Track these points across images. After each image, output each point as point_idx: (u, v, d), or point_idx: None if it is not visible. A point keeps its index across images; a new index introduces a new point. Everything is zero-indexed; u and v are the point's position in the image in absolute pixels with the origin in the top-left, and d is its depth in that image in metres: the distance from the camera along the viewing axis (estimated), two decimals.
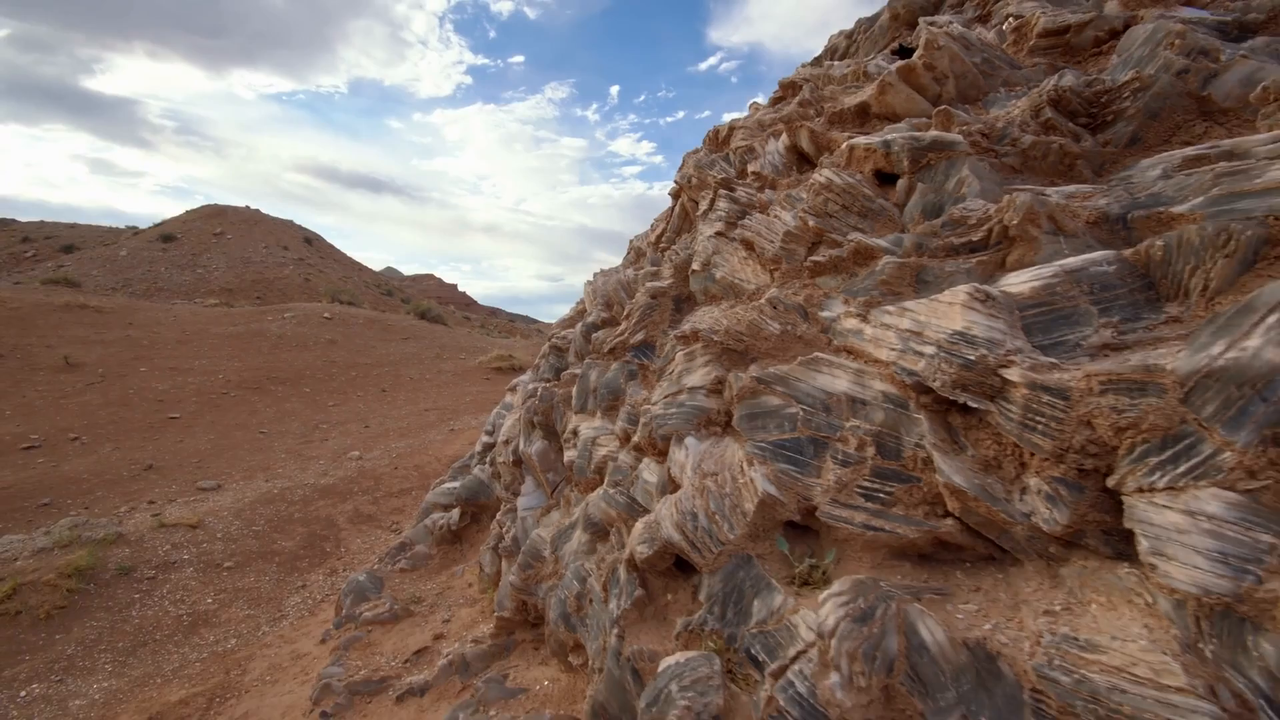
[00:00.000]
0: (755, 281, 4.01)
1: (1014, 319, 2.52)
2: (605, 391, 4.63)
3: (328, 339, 21.11)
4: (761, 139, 5.08)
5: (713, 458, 3.03)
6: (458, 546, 6.85)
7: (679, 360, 3.57)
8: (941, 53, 4.14)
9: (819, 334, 3.26)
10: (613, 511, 3.77)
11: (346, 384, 17.58)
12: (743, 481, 2.80)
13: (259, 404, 14.97)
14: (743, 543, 2.66)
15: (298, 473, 10.85)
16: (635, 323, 4.57)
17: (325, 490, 9.96)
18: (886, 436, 2.64)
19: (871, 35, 8.27)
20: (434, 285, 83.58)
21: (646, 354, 4.47)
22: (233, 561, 7.33)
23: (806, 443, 2.82)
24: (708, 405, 3.30)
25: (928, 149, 3.41)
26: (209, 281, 33.53)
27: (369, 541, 8.38)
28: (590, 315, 5.66)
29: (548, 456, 5.36)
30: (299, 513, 9.01)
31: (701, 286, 4.40)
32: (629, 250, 6.40)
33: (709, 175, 5.26)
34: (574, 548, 4.15)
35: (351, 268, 51.95)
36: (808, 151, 4.64)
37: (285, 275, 39.93)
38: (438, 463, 11.70)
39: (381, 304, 37.55)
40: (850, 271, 3.40)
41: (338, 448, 12.50)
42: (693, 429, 3.28)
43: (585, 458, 4.52)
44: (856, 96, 4.49)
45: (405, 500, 9.98)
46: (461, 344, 23.79)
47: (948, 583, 2.41)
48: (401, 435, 13.61)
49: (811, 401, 2.88)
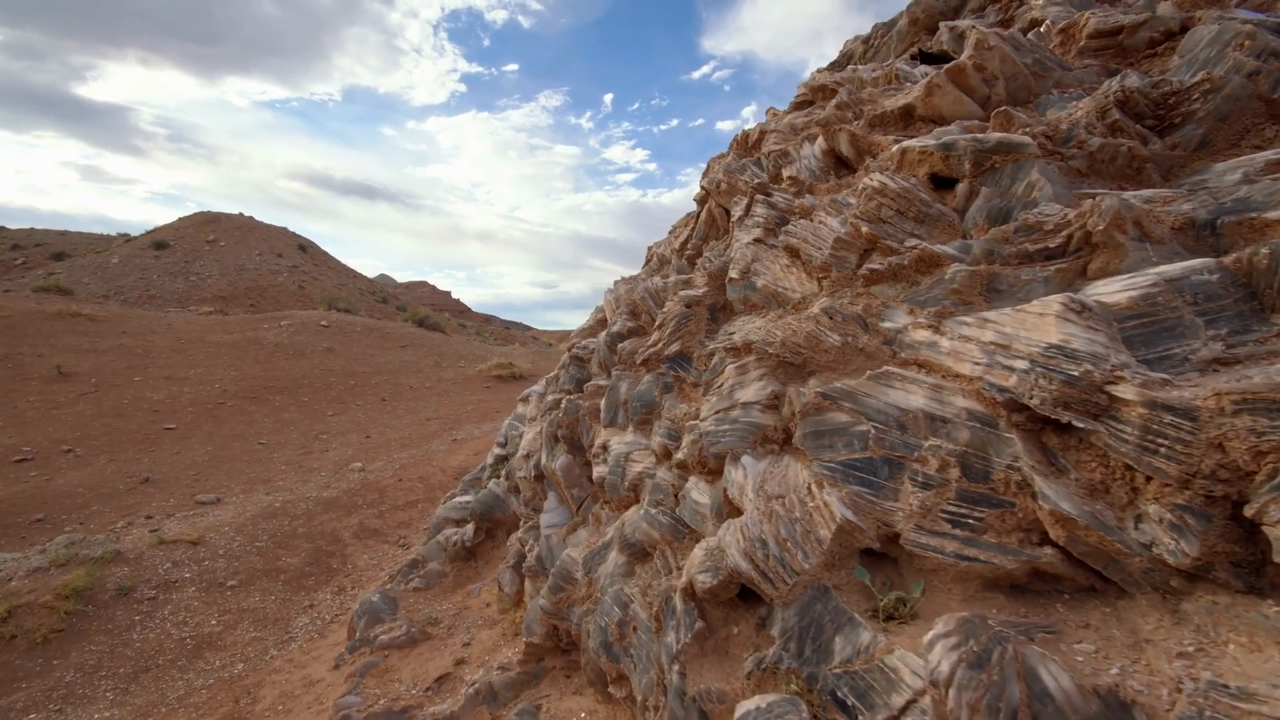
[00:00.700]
0: (801, 290, 3.84)
1: (1113, 331, 2.35)
2: (638, 405, 4.43)
3: (325, 347, 20.81)
4: (795, 143, 4.92)
5: (775, 478, 2.84)
6: (472, 564, 6.62)
7: (729, 374, 3.38)
8: (992, 53, 4.00)
9: (881, 346, 3.08)
10: (655, 533, 3.56)
11: (345, 393, 17.28)
12: (814, 505, 2.60)
13: (257, 414, 14.67)
14: (818, 572, 2.47)
15: (299, 485, 10.56)
16: (670, 333, 4.38)
17: (328, 503, 9.69)
18: (972, 457, 2.45)
19: (890, 40, 8.17)
20: (428, 292, 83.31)
21: (683, 365, 4.28)
22: (236, 580, 7.06)
23: (880, 463, 2.63)
24: (764, 421, 3.11)
25: (992, 151, 3.25)
26: (202, 289, 33.12)
27: (376, 557, 8.12)
28: (614, 324, 5.46)
29: (572, 471, 5.15)
30: (302, 527, 8.73)
31: (740, 295, 4.22)
32: (649, 258, 6.22)
33: (740, 180, 5.10)
34: (610, 570, 3.94)
35: (346, 275, 51.59)
36: (847, 156, 4.48)
37: (280, 283, 39.56)
38: (442, 474, 11.44)
39: (378, 311, 37.21)
40: (911, 280, 3.22)
41: (339, 459, 12.22)
42: (748, 447, 3.08)
43: (618, 474, 4.32)
44: (899, 99, 4.34)
45: (411, 514, 9.71)
46: (461, 352, 23.51)
47: (1051, 618, 2.22)
48: (403, 445, 13.34)
49: (883, 419, 2.69)
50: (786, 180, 4.68)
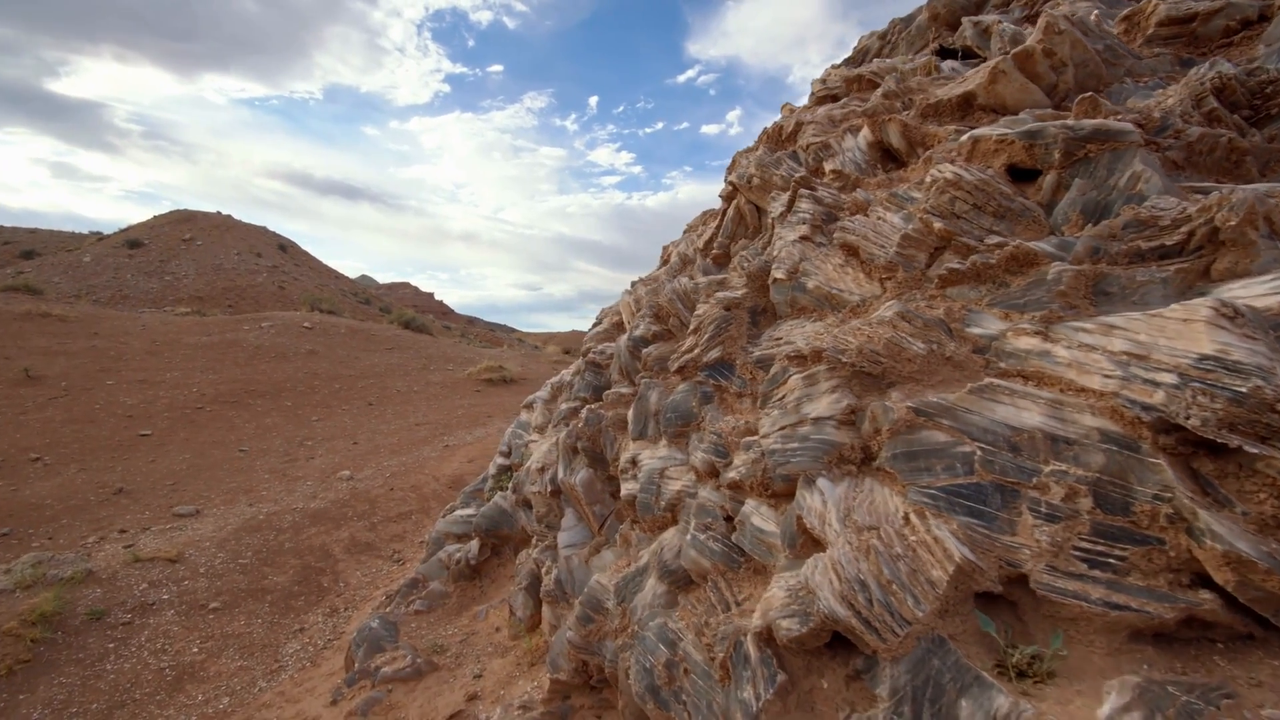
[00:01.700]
0: (859, 292, 3.50)
1: (1271, 340, 2.03)
2: (672, 416, 4.06)
3: (308, 349, 20.13)
4: (836, 135, 4.59)
5: (862, 506, 2.48)
6: (477, 583, 6.19)
7: (794, 385, 3.02)
8: (1062, 38, 3.70)
9: (970, 355, 2.74)
10: (705, 561, 3.19)
11: (330, 397, 16.67)
12: (918, 540, 2.25)
13: (237, 419, 14.03)
14: (932, 621, 2.12)
15: (284, 495, 10.02)
16: (708, 338, 4.01)
17: (316, 515, 9.17)
18: (1108, 485, 2.12)
19: (908, 35, 7.90)
20: (410, 294, 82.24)
21: (723, 374, 3.92)
22: (219, 602, 6.54)
23: (990, 490, 2.29)
24: (839, 439, 2.76)
25: (1087, 139, 2.94)
26: (178, 289, 32.09)
27: (370, 574, 7.64)
28: (637, 328, 5.09)
29: (594, 487, 4.77)
30: (289, 542, 8.22)
31: (787, 297, 3.87)
32: (666, 258, 5.86)
33: (775, 175, 4.76)
34: (648, 600, 3.56)
35: (328, 275, 50.54)
36: (897, 148, 4.16)
37: (259, 283, 38.56)
38: (436, 482, 10.95)
39: (361, 313, 36.39)
40: (998, 281, 2.90)
41: (325, 467, 11.67)
42: (823, 468, 2.73)
43: (651, 492, 3.95)
44: (957, 87, 4.03)
45: (405, 525, 9.23)
46: (448, 354, 22.94)
47: (1214, 675, 1.89)
48: (393, 452, 12.81)
49: (991, 439, 2.35)
50: (829, 174, 4.35)
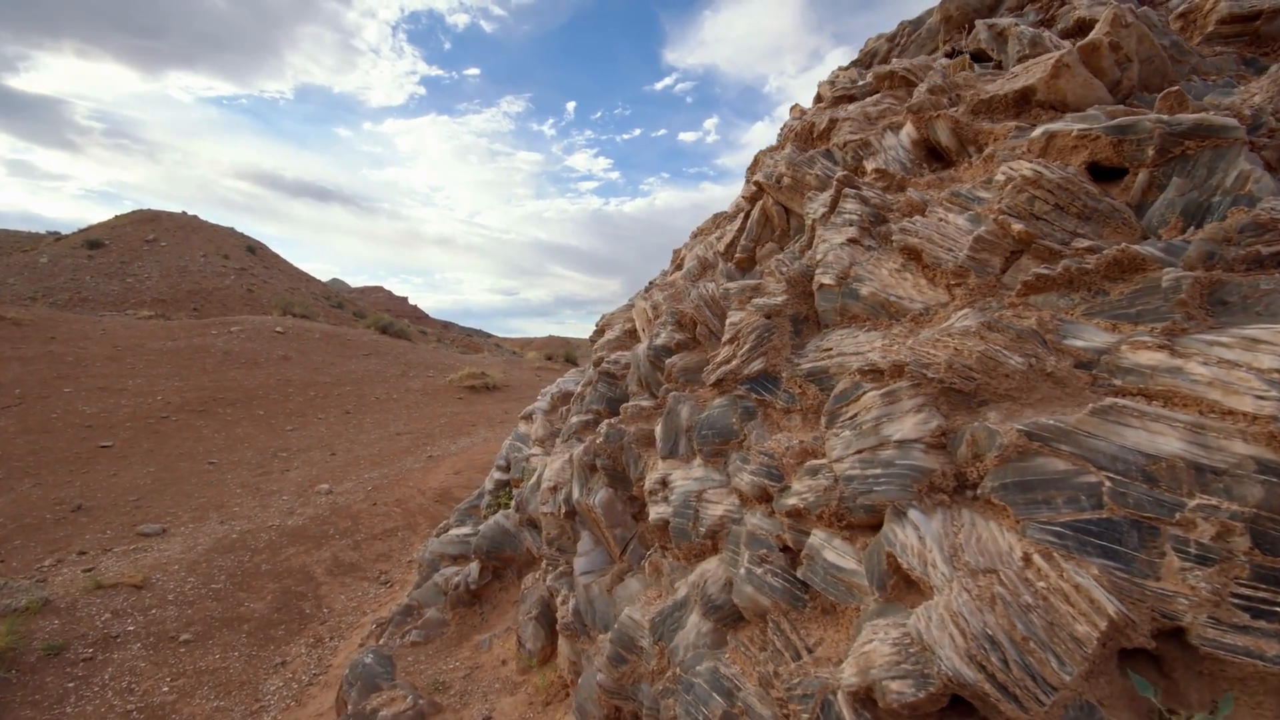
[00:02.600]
0: (922, 299, 3.21)
1: None
2: (709, 433, 3.73)
3: (281, 355, 19.34)
4: (876, 132, 4.33)
5: (970, 545, 2.17)
6: (477, 609, 5.75)
7: (870, 402, 2.71)
8: (1129, 31, 3.48)
9: (1072, 370, 2.46)
10: (764, 599, 2.86)
11: (305, 405, 15.97)
12: (1047, 587, 1.95)
13: (205, 429, 13.28)
14: (1079, 685, 1.81)
15: (258, 512, 9.40)
16: (749, 349, 3.69)
17: (294, 533, 8.60)
18: (1268, 522, 1.84)
19: (918, 38, 7.74)
20: (384, 298, 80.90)
21: (767, 387, 3.59)
22: (191, 633, 5.99)
23: (1125, 527, 2.00)
24: (928, 465, 2.45)
25: (1185, 135, 2.69)
26: (140, 291, 30.78)
27: (356, 598, 7.12)
28: (658, 336, 4.75)
29: (614, 509, 4.40)
30: (266, 563, 7.65)
31: (836, 305, 3.57)
32: (686, 261, 5.54)
33: (808, 174, 4.48)
34: (690, 639, 3.21)
35: (299, 279, 49.23)
36: (946, 145, 3.90)
37: (226, 286, 37.28)
38: (421, 496, 10.44)
39: (334, 317, 35.38)
40: (1095, 288, 2.63)
41: (302, 480, 11.06)
42: (913, 499, 2.42)
43: (687, 517, 3.60)
44: (1014, 82, 3.78)
45: (391, 543, 8.71)
46: (428, 360, 22.29)
47: None
48: (374, 464, 12.24)
49: (1122, 468, 2.06)
50: (872, 173, 4.08)
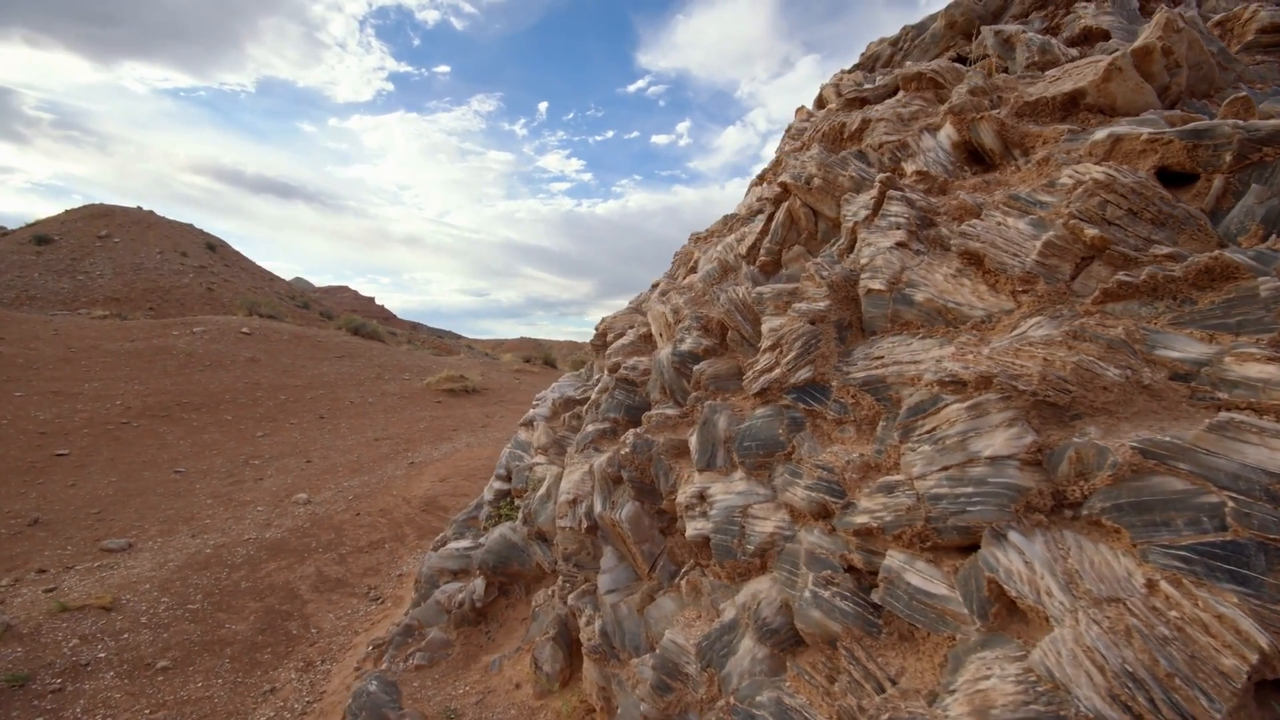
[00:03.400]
0: (983, 306, 3.09)
1: None
2: (751, 444, 3.54)
3: (248, 357, 18.54)
4: (913, 134, 4.21)
5: (1087, 571, 2.03)
6: (483, 628, 5.46)
7: (953, 416, 2.56)
8: (1180, 37, 3.43)
9: (1167, 382, 2.35)
10: (834, 625, 2.68)
11: (276, 410, 15.30)
12: (1180, 616, 1.81)
13: (170, 436, 12.58)
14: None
15: (232, 524, 8.89)
16: (796, 356, 3.52)
17: (274, 547, 8.13)
18: None
19: (922, 43, 7.74)
20: (350, 298, 79.14)
21: (816, 397, 3.43)
22: (169, 659, 5.54)
23: (1252, 550, 1.88)
24: (1023, 483, 2.31)
25: (1264, 141, 2.62)
26: (92, 290, 29.29)
27: (345, 616, 6.73)
28: (682, 342, 4.55)
29: (641, 523, 4.18)
30: (246, 580, 7.19)
31: (886, 311, 3.43)
32: (710, 264, 5.36)
33: (842, 176, 4.34)
34: (745, 666, 3.02)
35: (262, 278, 47.62)
36: (989, 148, 3.81)
37: (184, 284, 35.80)
38: (407, 505, 10.03)
39: (301, 317, 34.23)
40: (1182, 297, 2.53)
41: (277, 489, 10.53)
42: (1011, 519, 2.27)
43: (732, 534, 3.41)
44: (1059, 84, 3.71)
45: (378, 556, 8.30)
46: (403, 363, 21.66)
47: None
48: (353, 471, 11.74)
49: (1244, 486, 1.95)
50: (912, 175, 3.96)
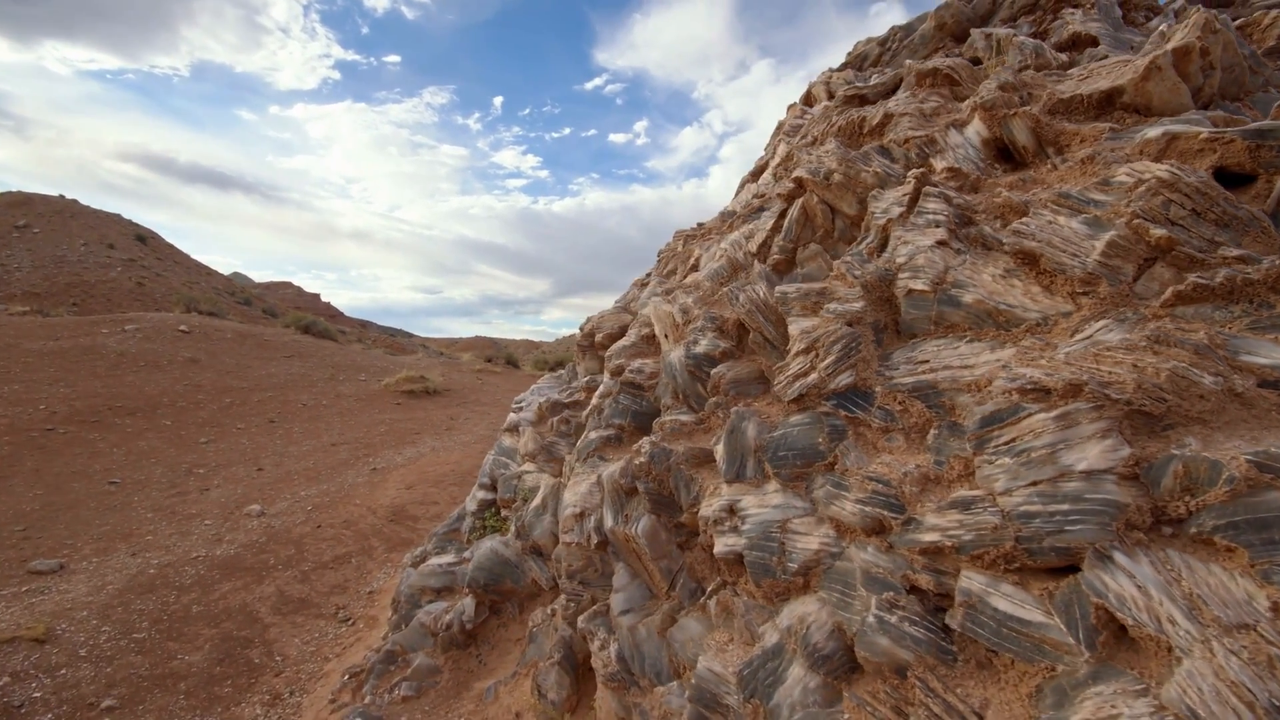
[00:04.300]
0: (1038, 308, 2.95)
1: None
2: (787, 454, 3.32)
3: (187, 357, 17.34)
4: (939, 129, 4.08)
5: (1212, 596, 1.87)
6: (473, 652, 5.07)
7: (1038, 426, 2.38)
8: (1217, 38, 3.39)
9: (1257, 391, 2.23)
10: (904, 653, 2.47)
11: (220, 413, 14.31)
12: None
13: (102, 443, 11.56)
14: None
15: (178, 540, 8.15)
16: (835, 360, 3.31)
17: (228, 565, 7.48)
18: None
19: (910, 44, 7.73)
20: (292, 294, 76.21)
21: (858, 403, 3.23)
22: (114, 697, 4.94)
23: None
24: (1122, 499, 2.15)
25: None
26: (9, 283, 26.99)
27: (313, 640, 6.20)
28: (696, 344, 4.30)
29: (658, 538, 3.91)
30: (198, 604, 6.56)
31: (930, 313, 3.26)
32: (716, 263, 5.11)
33: (865, 171, 4.18)
34: (796, 696, 2.78)
35: (198, 272, 45.08)
36: (1022, 145, 3.70)
37: (112, 278, 33.49)
38: (373, 515, 9.44)
39: (244, 315, 32.44)
40: (1260, 300, 2.43)
41: (227, 500, 9.77)
42: (1113, 539, 2.10)
43: (770, 550, 3.17)
44: (1095, 82, 3.62)
45: (345, 572, 7.74)
46: (359, 363, 20.69)
47: None
48: (310, 479, 11.03)
49: None
50: (943, 172, 3.82)
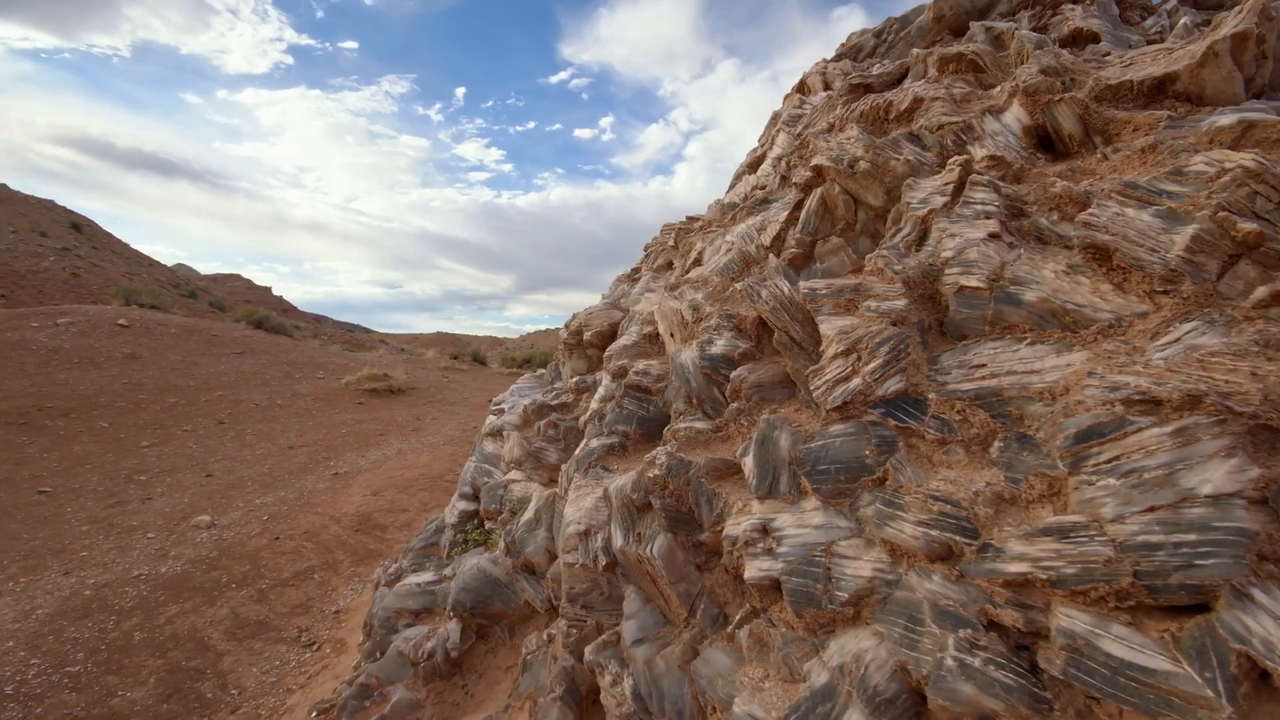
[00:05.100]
0: (1109, 307, 2.69)
1: None
2: (830, 468, 2.99)
3: (127, 353, 16.14)
4: (975, 115, 3.81)
5: None
6: (458, 681, 4.60)
7: (1154, 443, 2.09)
8: (1272, 26, 3.20)
9: None
10: (992, 701, 2.16)
11: (164, 414, 13.30)
12: None
13: (30, 447, 10.55)
14: None
15: (117, 557, 7.39)
16: (882, 364, 3.00)
17: (174, 585, 6.79)
18: None
19: (907, 36, 7.54)
20: (242, 287, 73.33)
21: (909, 412, 2.92)
22: None
23: None
24: (1251, 527, 1.88)
25: None
26: None
27: (274, 669, 5.61)
28: (712, 344, 3.94)
29: (676, 559, 3.54)
30: (140, 631, 5.89)
31: (985, 312, 2.98)
32: (726, 256, 4.76)
33: (895, 159, 3.88)
34: None
35: (138, 262, 42.66)
36: (1068, 133, 3.46)
37: (45, 268, 31.35)
38: (337, 525, 8.80)
39: (189, 308, 30.66)
40: None
41: (172, 510, 8.98)
42: (1247, 573, 1.83)
43: (814, 577, 2.84)
44: (1145, 68, 3.40)
45: (307, 589, 7.12)
46: (316, 360, 19.67)
47: None
48: (266, 486, 10.28)
49: None
50: (984, 160, 3.55)
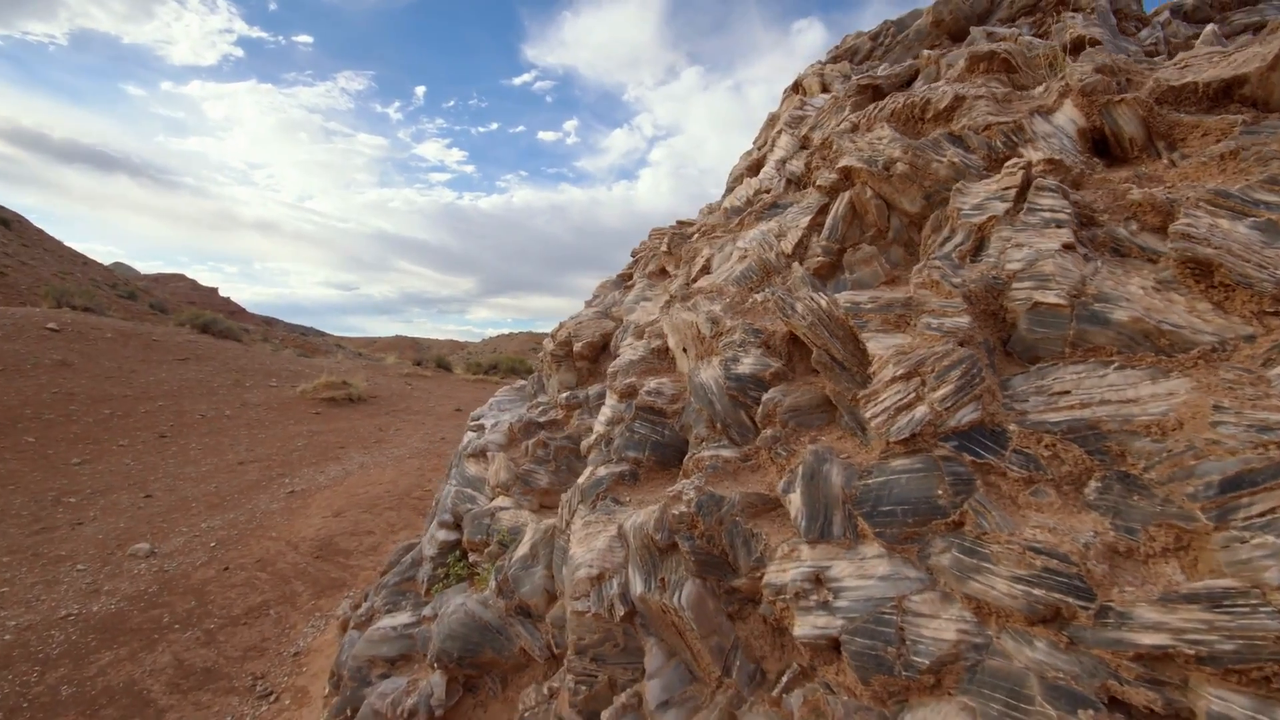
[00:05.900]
0: (1210, 329, 2.39)
1: None
2: (894, 509, 2.61)
3: (57, 360, 14.83)
4: (1024, 115, 3.52)
5: None
6: None
7: None
8: None
9: None
10: None
11: (97, 428, 12.18)
12: None
13: None
14: None
15: (43, 593, 6.54)
16: (955, 390, 2.63)
17: (107, 626, 6.01)
18: None
19: (904, 40, 7.35)
20: (186, 287, 70.14)
21: (989, 446, 2.56)
22: None
23: None
24: None
25: None
26: None
27: None
28: (738, 363, 3.54)
29: (706, 608, 3.11)
30: (69, 683, 5.13)
31: (1065, 331, 2.65)
32: (743, 264, 4.36)
33: (936, 161, 3.56)
34: None
35: (72, 261, 40.07)
36: (1129, 136, 3.18)
37: None
38: (294, 551, 8.05)
39: (127, 310, 28.73)
40: None
41: (106, 537, 8.08)
42: None
43: (883, 638, 2.45)
44: (1215, 70, 3.15)
45: (262, 628, 6.40)
46: (268, 367, 18.52)
47: None
48: (213, 508, 9.41)
49: None
50: (1041, 164, 3.25)
